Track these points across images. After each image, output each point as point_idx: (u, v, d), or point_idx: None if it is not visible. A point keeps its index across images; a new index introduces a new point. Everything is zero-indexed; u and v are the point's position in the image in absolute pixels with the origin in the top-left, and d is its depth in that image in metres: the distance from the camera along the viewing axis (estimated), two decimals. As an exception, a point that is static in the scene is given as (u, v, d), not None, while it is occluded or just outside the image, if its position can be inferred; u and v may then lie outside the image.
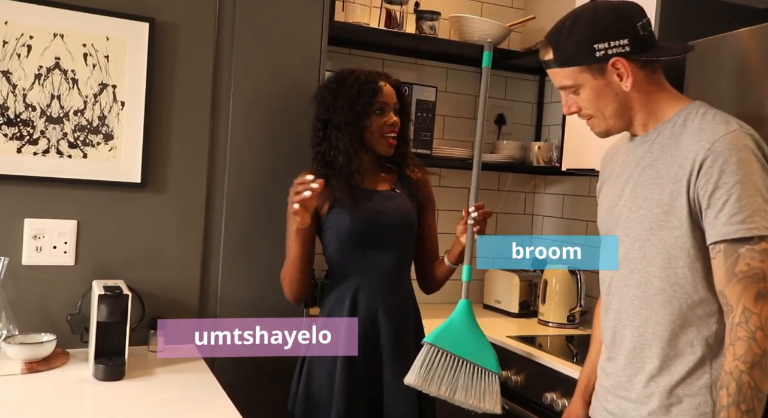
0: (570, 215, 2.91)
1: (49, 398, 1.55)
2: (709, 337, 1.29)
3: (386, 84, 1.86)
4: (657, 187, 1.31)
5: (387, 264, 1.87)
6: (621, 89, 1.34)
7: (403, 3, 2.62)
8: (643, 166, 1.37)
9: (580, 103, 1.39)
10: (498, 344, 2.31)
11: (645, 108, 1.37)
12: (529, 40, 2.93)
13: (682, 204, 1.27)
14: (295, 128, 2.10)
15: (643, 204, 1.34)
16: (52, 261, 1.90)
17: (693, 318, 1.29)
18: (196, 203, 2.07)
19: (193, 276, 2.07)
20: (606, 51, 1.31)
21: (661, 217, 1.30)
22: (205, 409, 1.57)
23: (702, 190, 1.24)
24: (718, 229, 1.22)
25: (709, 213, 1.24)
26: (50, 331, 1.81)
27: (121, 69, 1.95)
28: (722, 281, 1.23)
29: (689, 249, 1.28)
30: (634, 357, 1.37)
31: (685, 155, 1.27)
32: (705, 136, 1.26)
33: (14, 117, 1.85)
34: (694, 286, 1.29)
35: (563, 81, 1.38)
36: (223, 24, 2.09)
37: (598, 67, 1.33)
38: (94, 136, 1.93)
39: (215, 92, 2.09)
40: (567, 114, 1.43)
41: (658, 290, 1.32)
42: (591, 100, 1.37)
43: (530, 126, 3.12)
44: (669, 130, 1.34)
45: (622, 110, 1.37)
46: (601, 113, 1.38)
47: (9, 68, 1.84)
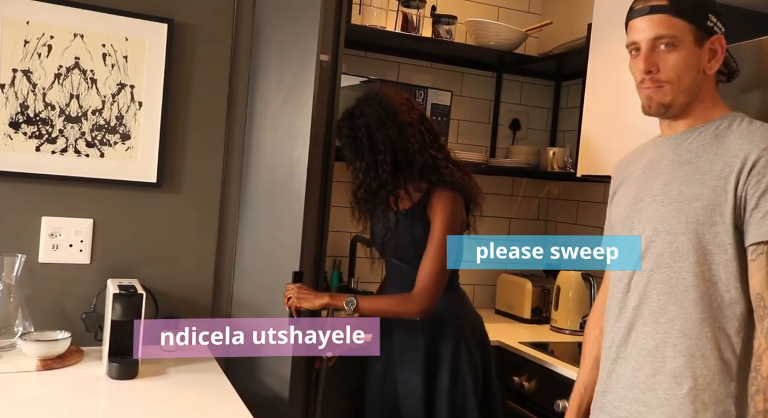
0: (584, 222, 2.90)
1: (62, 396, 1.57)
2: (736, 342, 1.25)
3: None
4: (696, 182, 1.28)
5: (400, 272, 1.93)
6: (704, 70, 1.32)
7: (419, 7, 2.62)
8: (678, 163, 1.33)
9: (665, 64, 1.31)
10: (510, 350, 2.30)
11: (703, 101, 1.34)
12: (546, 45, 2.92)
13: (727, 200, 1.23)
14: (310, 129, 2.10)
15: (678, 198, 1.29)
16: (68, 259, 1.92)
17: (722, 319, 1.25)
18: (211, 204, 2.08)
19: (206, 276, 2.08)
20: (716, 25, 1.31)
21: (699, 211, 1.26)
22: (217, 409, 1.57)
23: (752, 189, 1.21)
24: (765, 229, 1.20)
25: (755, 213, 1.21)
26: (65, 328, 1.82)
27: (140, 69, 1.96)
28: (762, 283, 1.20)
29: (727, 247, 1.24)
30: (655, 356, 1.30)
31: (734, 153, 1.25)
32: (758, 137, 1.24)
33: (33, 116, 1.87)
34: (726, 285, 1.25)
35: (667, 30, 1.30)
36: (241, 25, 2.10)
37: (702, 35, 1.30)
38: (112, 135, 1.95)
39: (232, 93, 2.10)
40: (645, 69, 1.32)
41: (690, 285, 1.27)
42: (679, 64, 1.30)
43: (545, 131, 3.11)
44: (712, 131, 1.32)
45: (693, 90, 1.33)
46: (678, 83, 1.31)
47: (30, 67, 1.86)
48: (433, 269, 1.81)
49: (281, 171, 2.01)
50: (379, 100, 1.86)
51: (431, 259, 1.81)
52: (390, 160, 1.82)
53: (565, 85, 3.08)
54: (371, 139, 1.83)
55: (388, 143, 1.82)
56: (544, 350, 2.26)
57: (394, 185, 1.86)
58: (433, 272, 1.81)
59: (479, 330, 1.98)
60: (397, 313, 1.82)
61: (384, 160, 1.82)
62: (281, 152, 2.01)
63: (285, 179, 1.98)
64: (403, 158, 1.83)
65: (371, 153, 1.83)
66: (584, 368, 1.57)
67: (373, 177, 1.84)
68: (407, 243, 1.88)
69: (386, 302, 1.87)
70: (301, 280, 1.89)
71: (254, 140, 2.12)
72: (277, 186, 2.03)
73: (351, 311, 1.80)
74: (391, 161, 1.82)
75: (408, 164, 1.84)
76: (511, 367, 2.28)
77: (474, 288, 2.99)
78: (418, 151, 1.83)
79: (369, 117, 1.83)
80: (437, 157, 1.86)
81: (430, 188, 1.86)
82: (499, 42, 2.70)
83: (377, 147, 1.82)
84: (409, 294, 1.82)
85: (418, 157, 1.83)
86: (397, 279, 1.95)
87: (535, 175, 2.96)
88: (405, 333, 1.89)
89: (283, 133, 2.02)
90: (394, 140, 1.82)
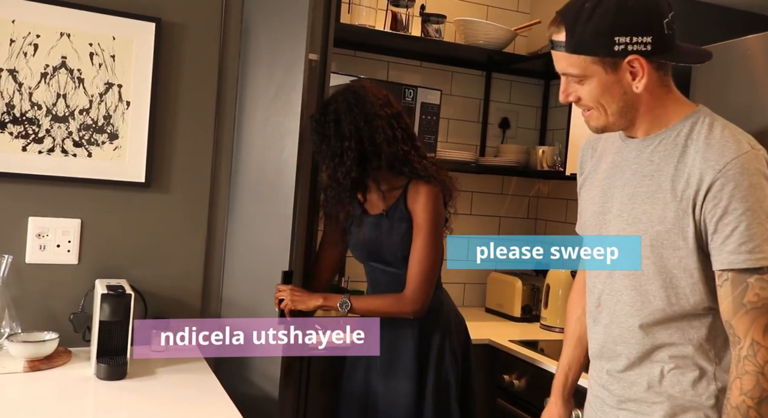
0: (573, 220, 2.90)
1: (50, 397, 1.56)
2: (709, 350, 1.25)
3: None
4: (659, 202, 1.24)
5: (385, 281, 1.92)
6: (631, 89, 1.23)
7: (408, 6, 2.62)
8: (641, 175, 1.29)
9: (581, 94, 1.27)
10: (500, 349, 2.31)
11: (651, 111, 1.27)
12: (535, 44, 2.93)
13: (688, 224, 1.20)
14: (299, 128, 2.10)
15: (642, 218, 1.26)
16: (55, 260, 1.91)
17: (692, 333, 1.26)
18: (200, 204, 2.07)
19: (195, 276, 2.07)
20: (626, 46, 1.19)
21: (663, 235, 1.23)
22: (207, 409, 1.57)
23: (709, 214, 1.18)
24: (725, 257, 1.17)
25: (716, 238, 1.18)
26: (53, 329, 1.81)
27: (127, 69, 1.95)
28: (729, 312, 1.18)
29: (693, 271, 1.22)
30: (627, 369, 1.32)
31: (692, 172, 1.21)
32: (714, 156, 1.18)
33: (20, 115, 1.85)
34: (694, 307, 1.24)
35: (569, 68, 1.25)
36: (229, 24, 2.09)
37: (613, 61, 1.21)
38: (99, 135, 1.94)
39: (220, 93, 2.09)
40: (564, 102, 1.31)
41: (656, 309, 1.27)
42: (596, 94, 1.25)
43: (535, 130, 3.12)
44: (672, 138, 1.26)
45: (627, 110, 1.26)
46: (603, 109, 1.27)
47: (15, 67, 1.84)
48: (423, 266, 1.80)
49: (271, 170, 2.00)
50: (353, 91, 1.85)
51: (420, 255, 1.81)
52: (355, 148, 1.79)
53: (554, 84, 3.09)
54: (338, 125, 1.80)
55: (354, 130, 1.79)
56: (534, 348, 2.26)
57: (360, 174, 1.82)
58: (423, 270, 1.80)
59: (462, 327, 1.99)
60: (391, 313, 1.82)
61: (349, 146, 1.79)
62: (271, 151, 2.01)
63: (274, 179, 1.97)
64: (370, 148, 1.80)
65: (337, 139, 1.81)
66: (567, 348, 1.58)
67: (338, 163, 1.81)
68: (392, 245, 1.86)
69: (380, 302, 1.87)
70: (290, 280, 1.88)
71: (243, 140, 2.12)
72: (267, 185, 2.02)
73: (345, 313, 1.80)
74: (356, 148, 1.80)
75: (375, 155, 1.81)
76: (501, 365, 2.29)
77: (464, 287, 3.00)
78: (386, 143, 1.80)
79: (339, 104, 1.82)
80: (409, 152, 1.84)
81: (407, 184, 1.85)
82: (488, 41, 2.70)
83: (343, 133, 1.80)
84: (401, 294, 1.82)
85: (386, 147, 1.80)
86: (382, 284, 1.93)
87: (524, 174, 2.97)
88: (390, 333, 1.86)
89: (272, 132, 2.01)
90: (360, 128, 1.80)
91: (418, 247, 1.81)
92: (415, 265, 1.81)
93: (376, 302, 1.88)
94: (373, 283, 1.97)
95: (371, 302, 1.87)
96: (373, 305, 1.85)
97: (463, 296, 3.00)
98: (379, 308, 1.83)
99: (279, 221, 1.92)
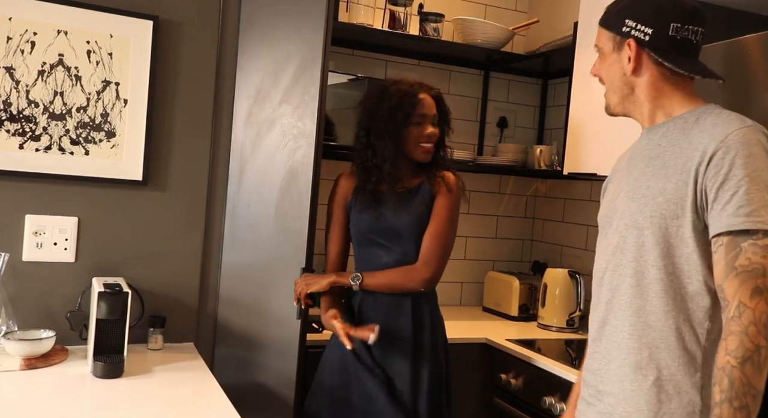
0: (570, 220, 2.91)
1: (47, 395, 1.55)
2: (701, 333, 1.27)
3: (426, 96, 1.93)
4: (661, 176, 1.30)
5: (385, 262, 1.90)
6: (627, 71, 1.37)
7: (407, 5, 2.62)
8: (648, 158, 1.36)
9: (600, 69, 1.44)
10: (497, 348, 2.31)
11: (653, 101, 1.38)
12: (533, 44, 2.93)
13: (687, 194, 1.25)
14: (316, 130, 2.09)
15: (645, 193, 1.32)
16: (52, 258, 1.90)
17: (686, 311, 1.28)
18: (197, 202, 2.07)
19: (193, 274, 2.07)
20: (631, 30, 1.35)
21: (663, 205, 1.29)
22: (203, 408, 1.57)
23: (710, 182, 1.23)
24: (724, 220, 1.21)
25: (715, 205, 1.22)
26: (49, 327, 1.81)
27: (125, 66, 1.95)
28: (721, 275, 1.22)
29: (688, 240, 1.26)
30: (623, 348, 1.33)
31: (695, 147, 1.26)
32: (718, 130, 1.25)
33: (17, 113, 1.85)
34: (689, 277, 1.27)
35: (597, 41, 1.44)
36: (227, 22, 2.09)
37: (620, 40, 1.38)
38: (97, 133, 1.93)
39: (218, 91, 2.09)
40: (592, 74, 1.47)
41: (654, 278, 1.30)
42: (602, 68, 1.43)
43: (533, 129, 3.12)
44: (680, 125, 1.33)
45: (626, 93, 1.40)
46: (610, 85, 1.42)
47: (12, 64, 1.84)
48: (438, 241, 1.87)
49: (279, 171, 1.99)
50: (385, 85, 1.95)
51: (437, 231, 1.88)
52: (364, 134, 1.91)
53: (552, 83, 3.09)
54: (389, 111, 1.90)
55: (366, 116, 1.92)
56: (531, 347, 2.27)
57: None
58: (438, 245, 1.87)
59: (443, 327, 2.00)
60: (402, 284, 1.85)
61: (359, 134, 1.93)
62: (281, 152, 1.99)
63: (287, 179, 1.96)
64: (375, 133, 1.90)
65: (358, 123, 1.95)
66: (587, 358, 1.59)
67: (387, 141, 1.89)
68: (410, 218, 1.89)
69: (390, 275, 1.88)
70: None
71: (240, 139, 2.11)
72: (273, 185, 2.01)
73: (357, 287, 1.85)
74: (365, 135, 1.91)
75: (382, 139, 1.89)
76: (499, 364, 2.29)
77: (461, 286, 3.00)
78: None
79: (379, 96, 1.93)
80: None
81: (434, 169, 1.93)
82: (486, 40, 2.70)
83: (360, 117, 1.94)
84: (413, 265, 1.87)
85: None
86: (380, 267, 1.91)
87: (522, 173, 2.97)
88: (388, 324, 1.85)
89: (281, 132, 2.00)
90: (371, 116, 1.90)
91: (435, 224, 1.89)
92: (430, 239, 1.87)
93: (387, 274, 1.88)
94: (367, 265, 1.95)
95: (382, 275, 1.88)
96: (384, 278, 1.87)
97: (460, 295, 3.00)
98: (391, 280, 1.86)
99: (294, 220, 1.91)
